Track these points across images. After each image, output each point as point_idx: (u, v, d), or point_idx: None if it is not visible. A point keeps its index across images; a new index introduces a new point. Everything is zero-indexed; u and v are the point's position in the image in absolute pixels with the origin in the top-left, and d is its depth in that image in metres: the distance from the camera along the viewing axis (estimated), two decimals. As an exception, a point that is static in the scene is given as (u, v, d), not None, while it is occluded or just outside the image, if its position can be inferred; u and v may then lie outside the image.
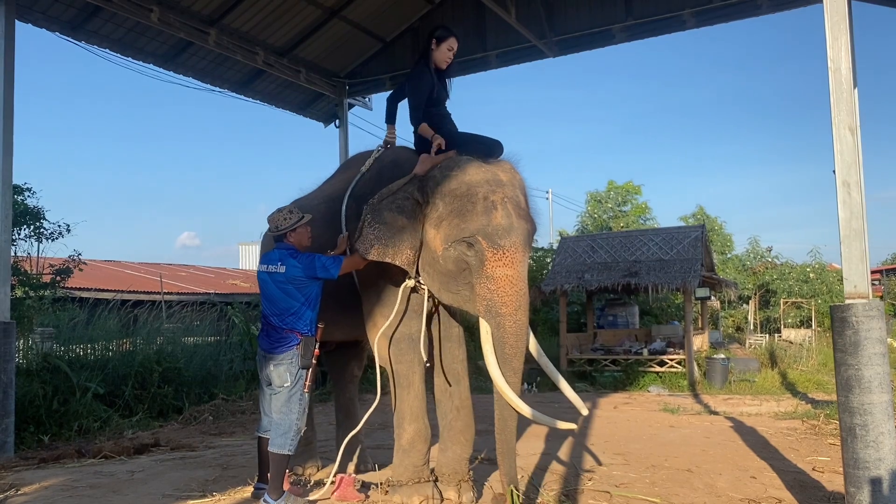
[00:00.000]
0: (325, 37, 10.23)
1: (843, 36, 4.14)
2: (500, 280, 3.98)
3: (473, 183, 4.16)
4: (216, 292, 16.08)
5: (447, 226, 4.17)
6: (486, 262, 3.99)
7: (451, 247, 4.11)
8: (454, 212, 4.15)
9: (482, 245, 3.99)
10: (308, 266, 4.51)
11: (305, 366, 4.51)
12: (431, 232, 4.29)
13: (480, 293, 4.04)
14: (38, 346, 9.09)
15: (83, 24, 8.32)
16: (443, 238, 4.19)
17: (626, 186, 25.73)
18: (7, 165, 7.10)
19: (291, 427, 4.50)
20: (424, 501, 4.54)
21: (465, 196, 4.13)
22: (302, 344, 4.50)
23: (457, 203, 4.15)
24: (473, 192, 4.11)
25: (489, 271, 3.99)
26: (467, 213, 4.08)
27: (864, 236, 4.19)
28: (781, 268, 24.38)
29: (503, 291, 3.97)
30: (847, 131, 4.06)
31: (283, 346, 4.53)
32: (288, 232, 4.68)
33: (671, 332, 14.66)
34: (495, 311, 3.99)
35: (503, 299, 3.97)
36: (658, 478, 5.47)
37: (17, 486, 5.45)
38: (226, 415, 9.45)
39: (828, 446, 6.58)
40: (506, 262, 3.98)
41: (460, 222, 4.09)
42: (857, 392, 3.83)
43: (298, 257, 4.56)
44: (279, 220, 4.71)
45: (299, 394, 4.52)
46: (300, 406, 4.53)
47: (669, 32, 9.31)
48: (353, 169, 5.19)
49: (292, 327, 4.54)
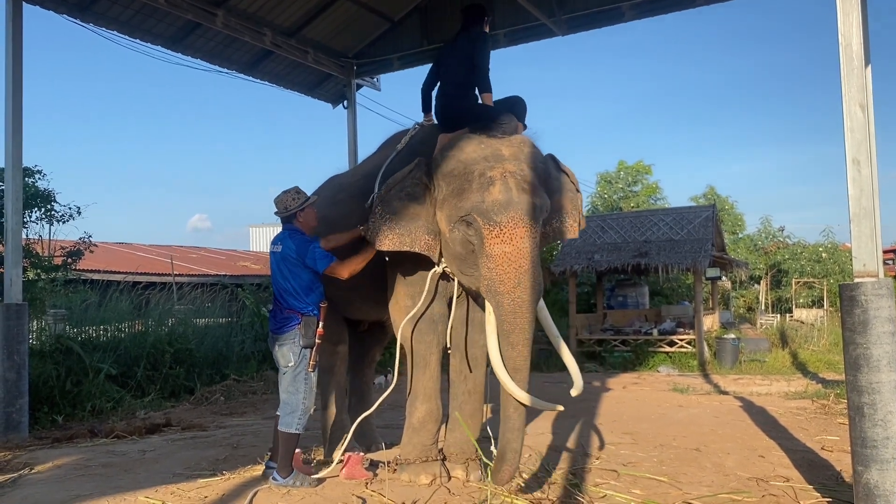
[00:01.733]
0: (333, 17, 10.17)
1: (854, 11, 4.07)
2: (497, 257, 3.88)
3: (470, 161, 4.10)
4: (227, 274, 16.16)
5: (448, 207, 4.13)
6: (484, 239, 3.93)
7: (453, 228, 4.08)
8: (453, 192, 4.10)
9: (479, 223, 3.93)
10: (301, 251, 4.52)
11: (307, 345, 4.52)
12: (438, 214, 4.27)
13: (482, 272, 3.98)
14: (50, 328, 9.19)
15: (90, 6, 8.29)
16: (445, 219, 4.16)
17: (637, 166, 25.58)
18: (17, 148, 7.14)
19: (298, 406, 4.52)
20: (433, 480, 4.57)
21: (462, 175, 4.08)
22: (303, 324, 4.51)
23: (455, 182, 4.10)
24: (470, 169, 4.06)
25: (487, 249, 3.91)
26: (464, 192, 4.02)
27: (876, 215, 4.14)
28: (793, 248, 24.25)
29: (501, 269, 3.87)
30: (857, 108, 4.00)
31: (285, 327, 4.55)
32: (297, 213, 4.66)
33: (681, 312, 14.63)
34: (494, 289, 3.90)
35: (500, 277, 3.87)
36: (666, 457, 5.48)
37: (31, 464, 5.52)
38: (237, 395, 9.53)
39: (837, 426, 6.57)
40: (503, 239, 3.87)
41: (458, 202, 4.04)
42: (866, 371, 3.80)
43: (296, 239, 4.57)
44: (287, 202, 4.69)
45: (304, 373, 4.54)
46: (306, 385, 4.55)
47: (679, 10, 9.18)
48: (390, 147, 5.16)
49: (292, 307, 4.55)
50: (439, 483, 4.57)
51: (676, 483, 4.72)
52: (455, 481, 4.64)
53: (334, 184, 5.68)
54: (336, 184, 5.65)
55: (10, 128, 7.10)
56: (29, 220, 9.72)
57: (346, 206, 5.16)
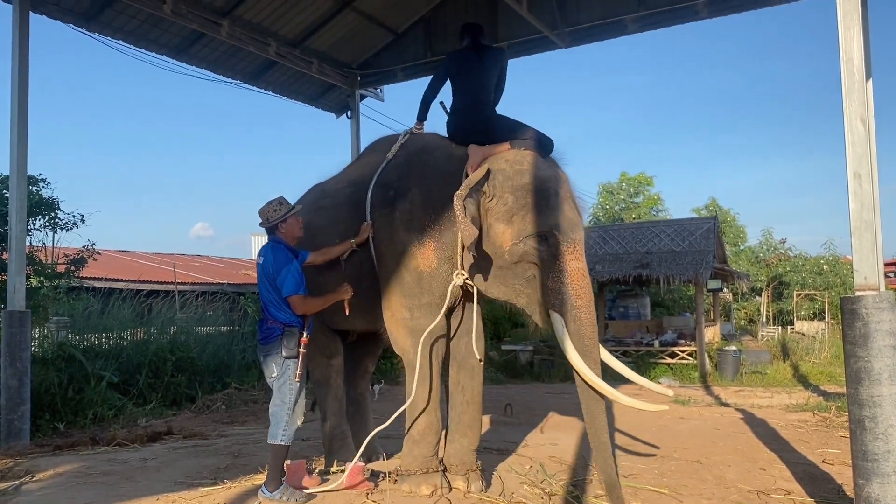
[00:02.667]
0: (337, 28, 10.23)
1: (855, 26, 4.10)
2: (573, 273, 4.06)
3: (544, 178, 4.23)
4: (229, 282, 16.20)
5: (520, 220, 4.17)
6: (560, 255, 4.07)
7: (522, 241, 4.14)
8: (527, 207, 4.17)
9: (557, 239, 4.08)
10: (276, 270, 4.47)
11: (289, 356, 4.44)
12: (499, 226, 4.24)
13: (553, 287, 4.09)
14: (53, 335, 9.20)
15: (96, 16, 8.36)
16: (514, 233, 4.18)
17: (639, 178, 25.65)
18: (22, 156, 7.17)
19: (282, 418, 4.45)
20: (433, 491, 4.57)
21: (538, 191, 4.17)
22: (284, 334, 4.45)
23: (530, 198, 4.17)
24: (546, 186, 4.19)
25: (563, 265, 4.07)
26: (542, 208, 4.13)
27: (877, 228, 4.18)
28: (795, 260, 24.25)
29: (577, 284, 4.06)
30: (859, 122, 4.03)
31: (269, 338, 4.50)
32: (279, 224, 4.62)
33: (682, 323, 14.63)
34: (570, 303, 4.05)
35: (577, 291, 4.05)
36: (667, 469, 5.48)
37: (33, 472, 5.52)
38: (238, 404, 9.53)
39: (838, 439, 6.56)
40: (577, 256, 4.09)
41: (535, 217, 4.14)
42: (867, 384, 3.81)
43: (277, 255, 4.52)
44: (269, 213, 4.64)
45: (288, 384, 4.46)
46: (291, 396, 4.47)
47: (682, 23, 9.24)
48: (378, 154, 5.09)
49: (275, 318, 4.50)
50: (440, 494, 4.56)
51: (677, 495, 4.72)
52: (456, 492, 4.63)
53: (318, 190, 5.55)
54: (320, 190, 5.51)
55: (16, 135, 7.13)
56: (33, 227, 9.76)
57: (331, 213, 5.10)
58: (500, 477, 5.07)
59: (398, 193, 4.68)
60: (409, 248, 4.55)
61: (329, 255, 4.82)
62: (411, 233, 4.55)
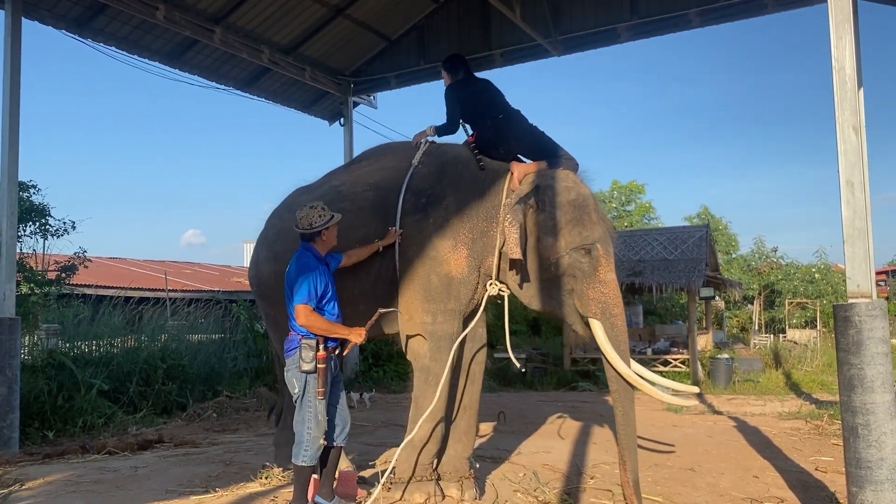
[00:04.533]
0: (331, 35, 10.25)
1: (847, 35, 4.13)
2: (611, 283, 4.40)
3: (586, 195, 4.56)
4: (221, 290, 16.11)
5: (568, 233, 4.43)
6: (600, 267, 4.38)
7: (567, 254, 4.40)
8: (574, 221, 4.44)
9: (599, 252, 4.38)
10: (295, 277, 4.25)
11: (307, 371, 4.16)
12: (548, 239, 4.47)
13: (594, 296, 4.38)
14: (43, 343, 9.14)
15: (89, 22, 8.35)
16: (564, 245, 4.43)
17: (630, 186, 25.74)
18: (13, 162, 7.15)
19: (303, 437, 4.20)
20: (427, 499, 4.54)
21: (581, 207, 4.48)
22: (301, 347, 4.19)
23: (576, 213, 4.46)
24: (587, 203, 4.51)
25: (602, 276, 4.38)
26: (586, 223, 4.44)
27: (869, 236, 4.20)
28: (786, 268, 24.36)
29: (614, 293, 4.41)
30: (851, 131, 4.05)
31: (288, 351, 4.30)
32: (322, 231, 4.35)
33: (675, 331, 14.64)
34: (609, 311, 4.38)
35: (614, 300, 4.40)
36: (660, 477, 5.47)
37: (22, 480, 5.46)
38: (229, 412, 9.47)
39: (831, 446, 6.57)
40: (612, 268, 4.44)
41: (582, 230, 4.42)
42: (860, 391, 3.82)
43: (298, 263, 4.29)
44: (312, 218, 4.34)
45: (308, 402, 4.19)
46: (311, 414, 4.18)
47: (675, 31, 9.31)
48: (397, 159, 5.08)
49: (294, 329, 4.29)
50: (434, 502, 4.55)
51: (671, 503, 4.71)
52: (449, 500, 4.62)
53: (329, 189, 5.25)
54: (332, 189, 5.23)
55: (7, 142, 7.11)
56: (23, 234, 9.72)
57: (351, 216, 4.84)
58: (493, 485, 5.06)
59: (431, 200, 4.73)
60: (442, 255, 4.59)
61: (359, 256, 4.67)
62: (445, 240, 4.62)
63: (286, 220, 5.18)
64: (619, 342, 4.39)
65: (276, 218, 5.51)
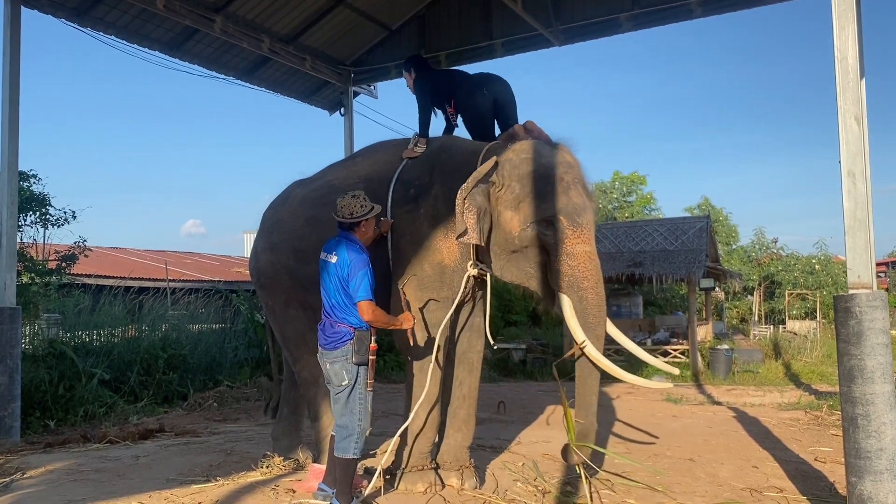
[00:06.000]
0: (331, 24, 10.19)
1: (850, 25, 4.12)
2: (580, 256, 4.18)
3: (550, 165, 4.36)
4: (221, 280, 16.12)
5: (526, 207, 4.30)
6: (566, 239, 4.18)
7: (528, 226, 4.26)
8: (532, 193, 4.30)
9: (563, 223, 4.19)
10: (352, 271, 4.19)
11: (360, 362, 4.18)
12: (508, 214, 4.36)
13: (562, 270, 4.20)
14: (43, 332, 9.16)
15: (88, 11, 8.30)
16: (522, 219, 4.30)
17: (632, 176, 25.71)
18: (13, 152, 7.13)
19: (354, 429, 4.19)
20: (428, 488, 4.56)
21: (543, 178, 4.31)
22: (355, 339, 4.18)
23: (536, 185, 4.31)
24: (551, 173, 4.31)
25: (570, 248, 4.18)
26: (547, 194, 4.26)
27: (870, 227, 4.18)
28: (787, 259, 24.36)
29: (584, 266, 4.18)
30: (853, 121, 4.04)
31: (335, 343, 4.23)
32: (362, 221, 4.36)
33: (675, 322, 14.67)
34: (577, 285, 4.18)
35: (584, 274, 4.17)
36: (660, 467, 5.49)
37: (23, 469, 5.49)
38: (230, 401, 9.49)
39: (830, 437, 6.59)
40: (584, 239, 4.20)
41: (540, 202, 4.26)
42: (860, 382, 3.83)
43: (353, 256, 4.24)
44: (354, 207, 4.34)
45: (360, 393, 4.20)
46: (361, 406, 4.21)
47: (676, 21, 9.24)
48: (390, 152, 5.16)
49: (344, 321, 4.23)
50: (434, 491, 4.56)
51: (670, 493, 4.73)
52: (449, 489, 4.63)
53: (323, 183, 5.38)
54: (325, 183, 5.34)
55: (7, 131, 7.08)
56: (24, 223, 9.71)
57: None
58: (493, 474, 5.08)
59: (421, 191, 4.75)
60: (434, 244, 4.62)
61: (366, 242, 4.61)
62: (436, 228, 4.63)
63: (281, 212, 5.43)
64: (588, 315, 4.17)
65: (272, 210, 5.64)
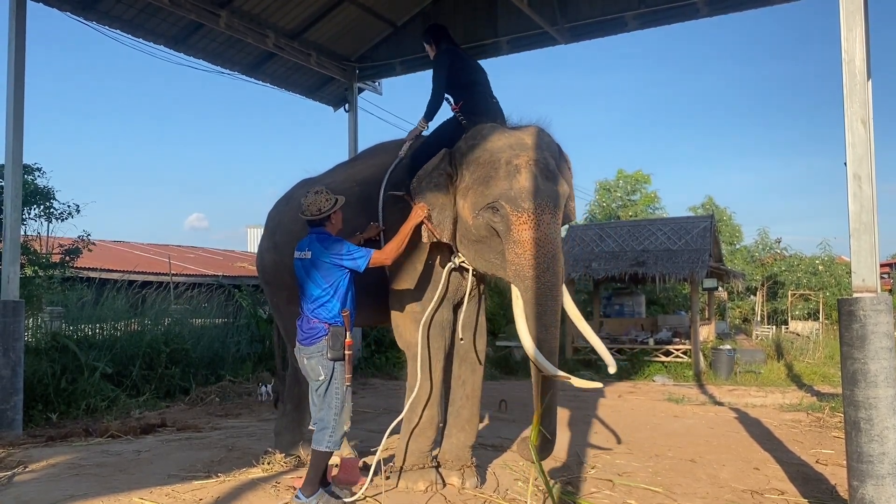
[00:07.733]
0: (336, 20, 10.20)
1: (857, 27, 4.09)
2: (525, 243, 3.97)
3: (496, 149, 4.18)
4: (224, 275, 16.13)
5: (473, 194, 4.19)
6: (511, 226, 4.00)
7: (478, 214, 4.13)
8: (478, 179, 4.17)
9: (506, 209, 4.01)
10: (334, 251, 4.21)
11: (335, 358, 4.18)
12: (461, 202, 4.29)
13: (509, 258, 4.04)
14: (46, 325, 9.17)
15: (93, 4, 8.31)
16: (470, 207, 4.20)
17: (636, 175, 25.63)
18: (18, 145, 7.14)
19: (329, 423, 4.21)
20: (429, 486, 4.56)
21: (488, 163, 4.15)
22: (330, 335, 4.18)
23: (481, 171, 4.17)
24: (496, 157, 4.14)
25: (515, 235, 3.99)
26: (491, 180, 4.10)
27: (875, 230, 4.16)
28: (790, 259, 24.28)
29: (529, 254, 3.96)
30: (859, 124, 4.02)
31: (311, 338, 4.24)
32: (330, 215, 4.36)
33: (677, 322, 14.64)
34: (523, 273, 3.99)
35: (529, 262, 3.96)
36: (661, 467, 5.48)
37: (25, 463, 5.50)
38: (232, 396, 9.50)
39: (832, 439, 6.57)
40: (531, 225, 3.97)
41: (484, 189, 4.11)
42: (863, 386, 3.81)
43: (326, 242, 4.26)
44: (321, 204, 4.34)
45: (336, 387, 4.22)
46: (338, 400, 4.22)
47: (682, 20, 9.23)
48: (388, 154, 5.10)
49: (318, 317, 4.24)
50: (435, 490, 4.56)
51: (671, 494, 4.73)
52: (450, 488, 4.63)
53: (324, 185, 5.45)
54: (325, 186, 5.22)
55: (11, 125, 7.09)
56: (28, 217, 9.72)
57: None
58: (494, 473, 5.08)
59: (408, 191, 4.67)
60: (424, 243, 4.55)
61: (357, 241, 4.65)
62: None
63: (284, 213, 5.52)
64: (534, 306, 3.96)
65: (276, 210, 5.75)
